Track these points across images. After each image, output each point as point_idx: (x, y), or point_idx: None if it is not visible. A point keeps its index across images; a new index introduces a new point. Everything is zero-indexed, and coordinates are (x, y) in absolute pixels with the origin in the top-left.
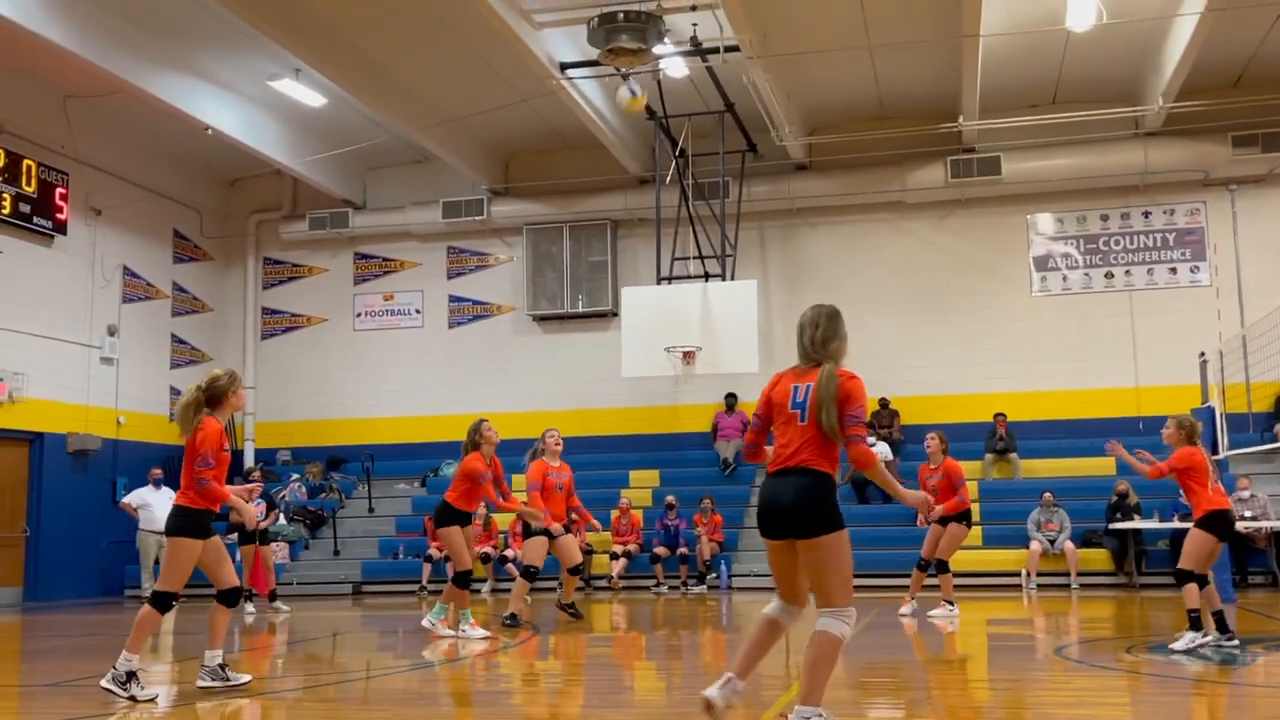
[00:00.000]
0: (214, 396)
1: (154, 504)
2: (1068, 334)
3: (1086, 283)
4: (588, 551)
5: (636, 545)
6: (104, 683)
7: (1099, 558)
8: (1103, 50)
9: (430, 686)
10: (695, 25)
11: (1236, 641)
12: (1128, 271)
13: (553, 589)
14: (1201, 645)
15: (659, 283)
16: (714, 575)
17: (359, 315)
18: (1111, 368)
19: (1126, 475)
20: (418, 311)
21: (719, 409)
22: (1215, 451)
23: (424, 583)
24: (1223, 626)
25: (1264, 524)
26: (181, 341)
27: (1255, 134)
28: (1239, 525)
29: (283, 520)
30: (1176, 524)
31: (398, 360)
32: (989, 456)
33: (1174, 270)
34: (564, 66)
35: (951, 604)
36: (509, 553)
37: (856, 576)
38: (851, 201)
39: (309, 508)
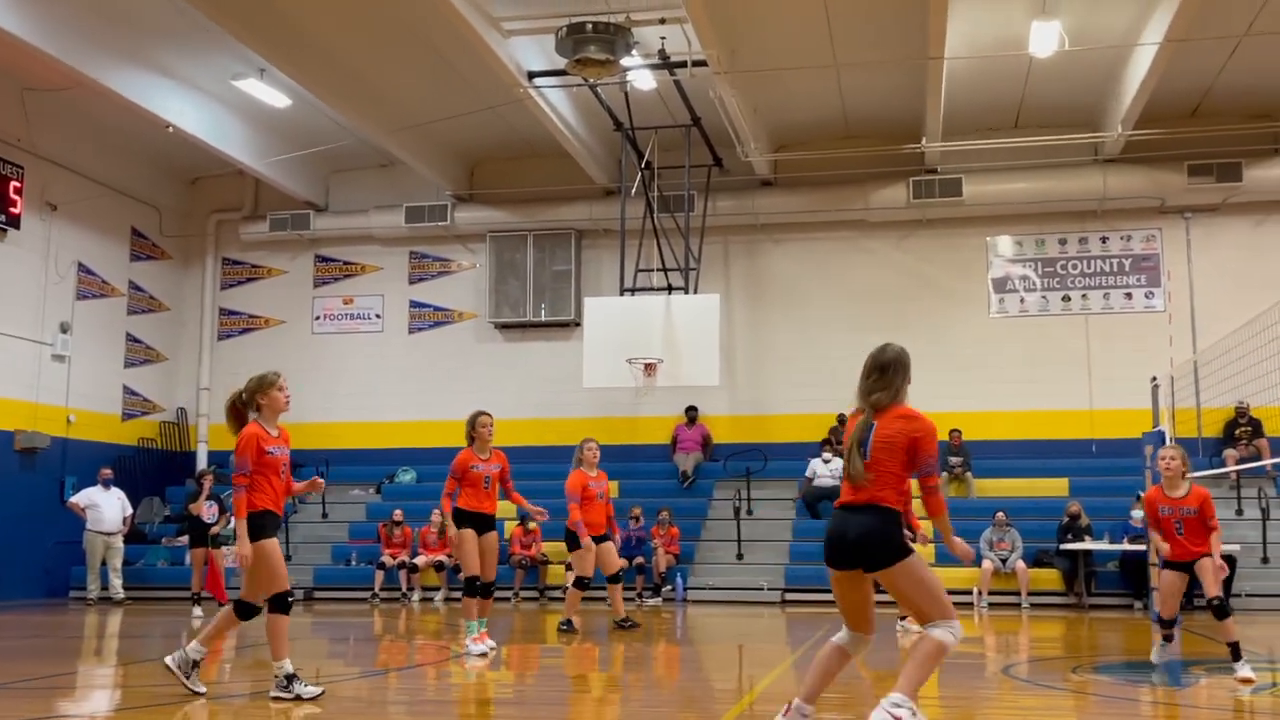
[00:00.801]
0: (247, 402)
1: (102, 504)
2: (1024, 355)
3: (1044, 305)
4: (543, 561)
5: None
6: (273, 692)
7: (1050, 578)
8: (1064, 77)
9: (379, 694)
10: (664, 38)
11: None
12: (1084, 295)
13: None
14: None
15: (622, 294)
16: (669, 588)
17: (318, 318)
18: (1066, 390)
19: (1078, 496)
20: (378, 316)
21: (679, 421)
22: None
23: (376, 590)
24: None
25: None
26: (136, 340)
27: (1210, 164)
28: None
29: (234, 524)
30: (1126, 546)
31: (356, 365)
32: (944, 475)
33: (1129, 295)
34: (532, 75)
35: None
36: None
37: (809, 592)
38: (815, 219)
39: None
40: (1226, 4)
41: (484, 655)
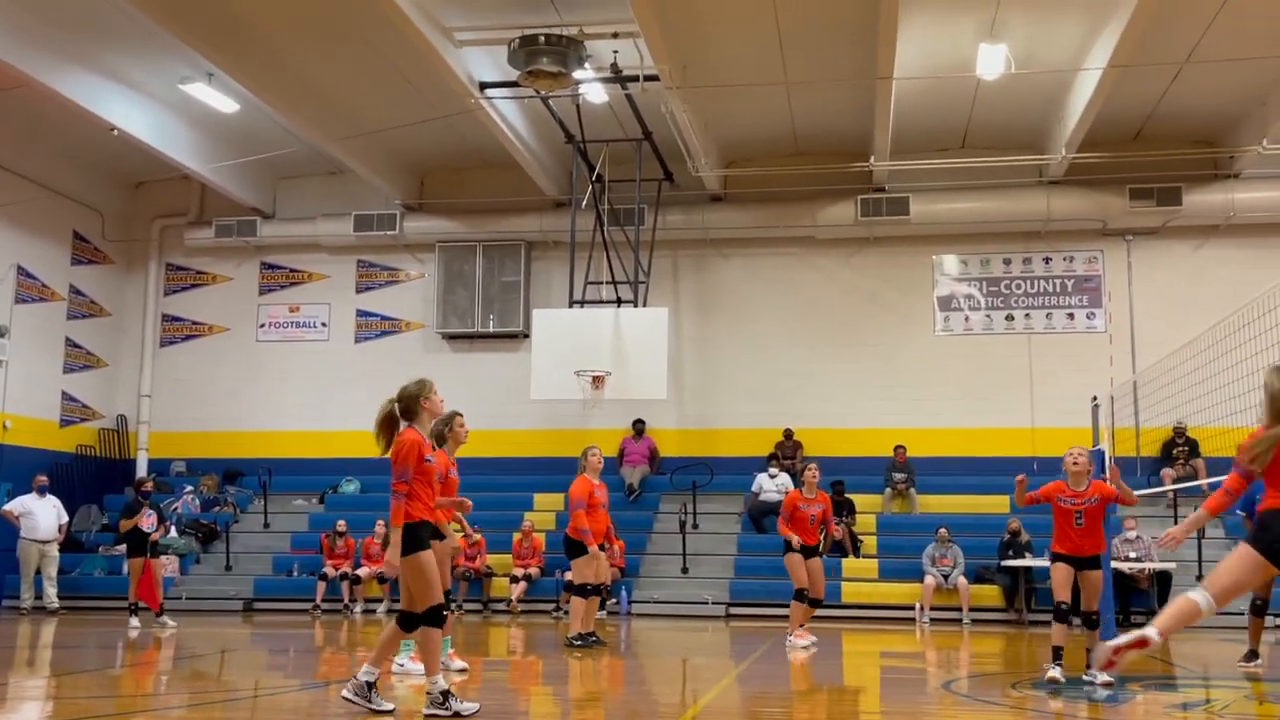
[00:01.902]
0: (407, 409)
1: (37, 512)
2: (968, 373)
3: (987, 324)
4: (487, 573)
5: (538, 568)
6: (427, 710)
7: (990, 594)
8: (1011, 99)
9: (320, 707)
10: (616, 53)
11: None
12: (1027, 315)
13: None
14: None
15: (571, 306)
16: (614, 601)
17: (263, 326)
18: (1009, 407)
19: (1019, 513)
20: (324, 325)
21: (626, 434)
22: None
23: (318, 601)
24: (1058, 656)
25: (1147, 565)
26: (76, 345)
27: (1151, 188)
28: (1123, 566)
29: (173, 533)
30: None
31: (301, 373)
32: (888, 491)
33: (1071, 315)
34: (483, 86)
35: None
36: None
37: (753, 606)
38: (764, 234)
39: (201, 521)
40: (1169, 31)
41: (462, 671)
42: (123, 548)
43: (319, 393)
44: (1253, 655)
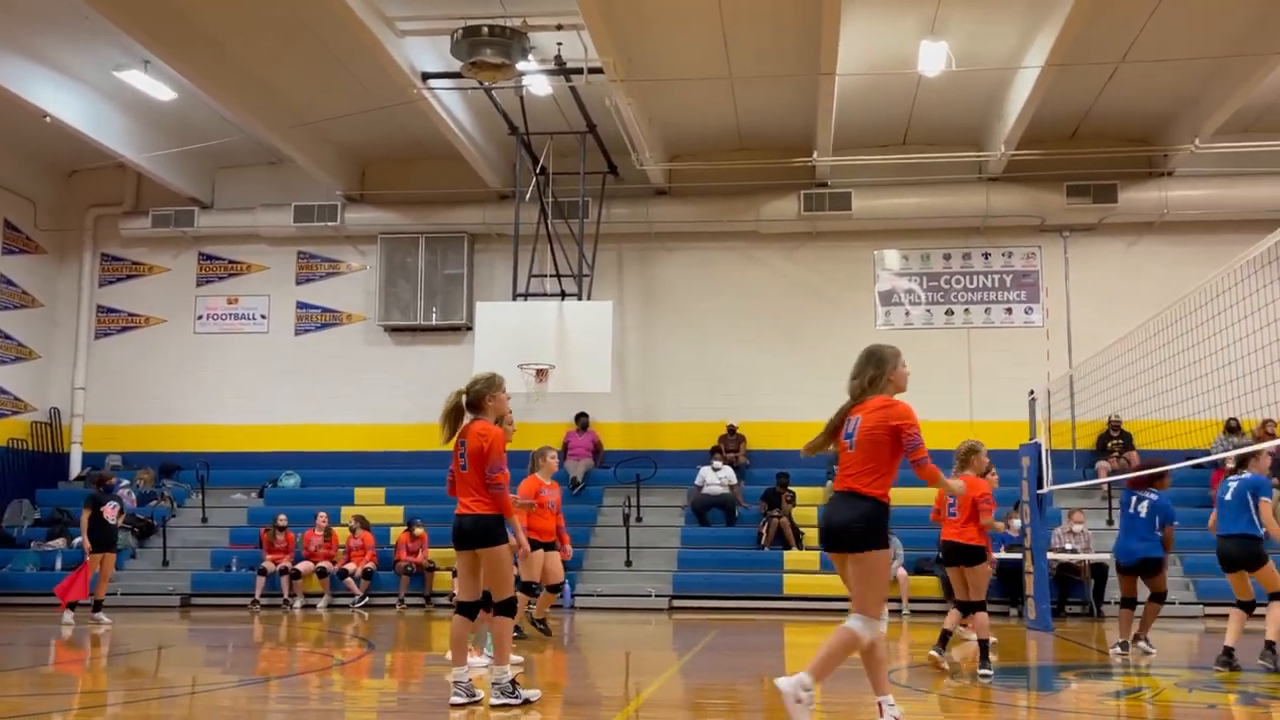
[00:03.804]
0: (474, 402)
1: None
2: (908, 367)
3: (928, 319)
4: (430, 568)
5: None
6: (493, 700)
7: (930, 585)
8: (951, 96)
9: (258, 704)
10: (560, 45)
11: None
12: (966, 310)
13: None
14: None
15: (515, 299)
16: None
17: (200, 318)
18: (948, 401)
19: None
20: (263, 316)
21: (570, 428)
22: (1040, 485)
23: (257, 596)
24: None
25: (1085, 557)
26: (7, 337)
27: (1088, 185)
28: (1064, 556)
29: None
30: (1003, 554)
31: (240, 366)
32: (829, 483)
33: (1009, 310)
34: (426, 76)
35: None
36: (349, 566)
37: (696, 598)
38: (708, 228)
39: (138, 515)
40: (1105, 31)
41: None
42: (59, 542)
43: (258, 385)
44: (1124, 646)
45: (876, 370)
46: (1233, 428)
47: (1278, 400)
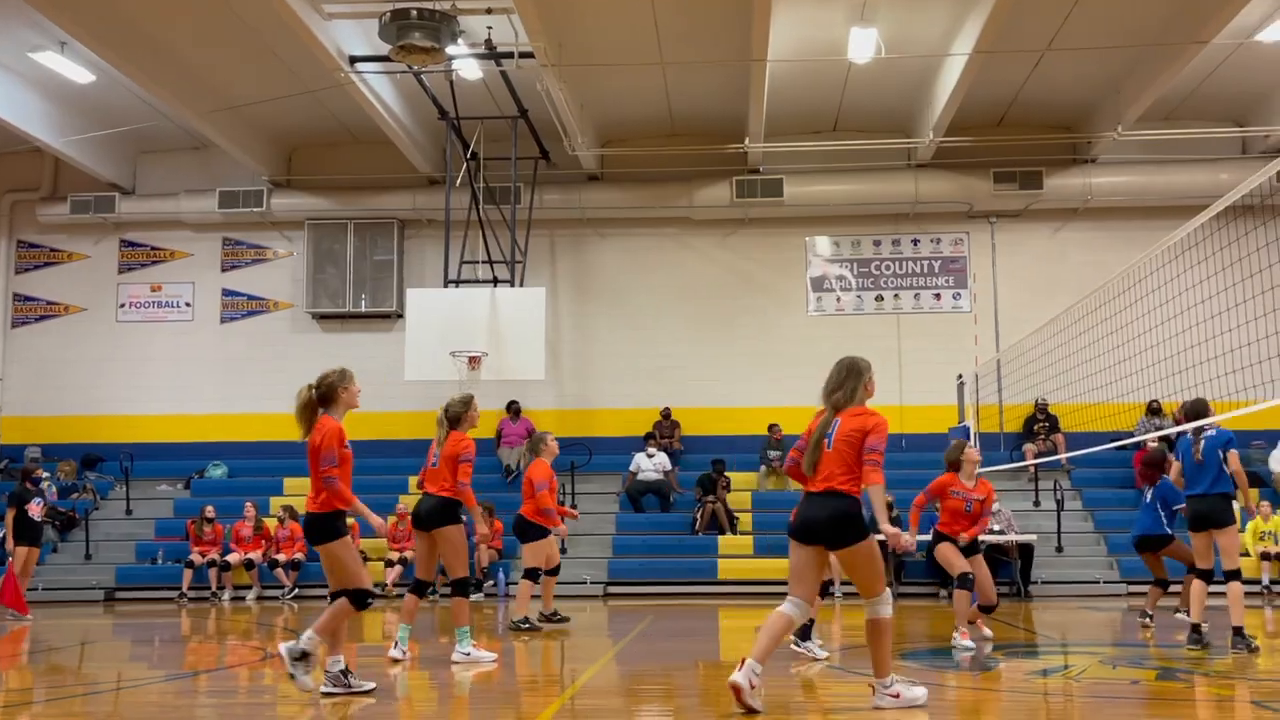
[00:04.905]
0: (326, 395)
1: None
2: (840, 352)
3: (858, 304)
4: (363, 559)
5: (413, 552)
6: (324, 688)
7: None
8: (881, 84)
9: (186, 699)
10: (490, 29)
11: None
12: (896, 295)
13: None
14: None
15: (446, 285)
16: (491, 583)
17: (123, 306)
18: (878, 386)
19: (889, 488)
20: (187, 304)
21: (503, 416)
22: None
23: (184, 589)
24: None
25: (1013, 538)
26: None
27: (1014, 171)
28: (991, 538)
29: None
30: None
31: (164, 355)
32: (763, 469)
33: (938, 296)
34: (353, 60)
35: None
36: (279, 557)
37: (632, 585)
38: (641, 214)
39: (59, 508)
40: (1031, 20)
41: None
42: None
43: (183, 375)
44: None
45: (855, 381)
46: (1155, 409)
47: (1199, 383)
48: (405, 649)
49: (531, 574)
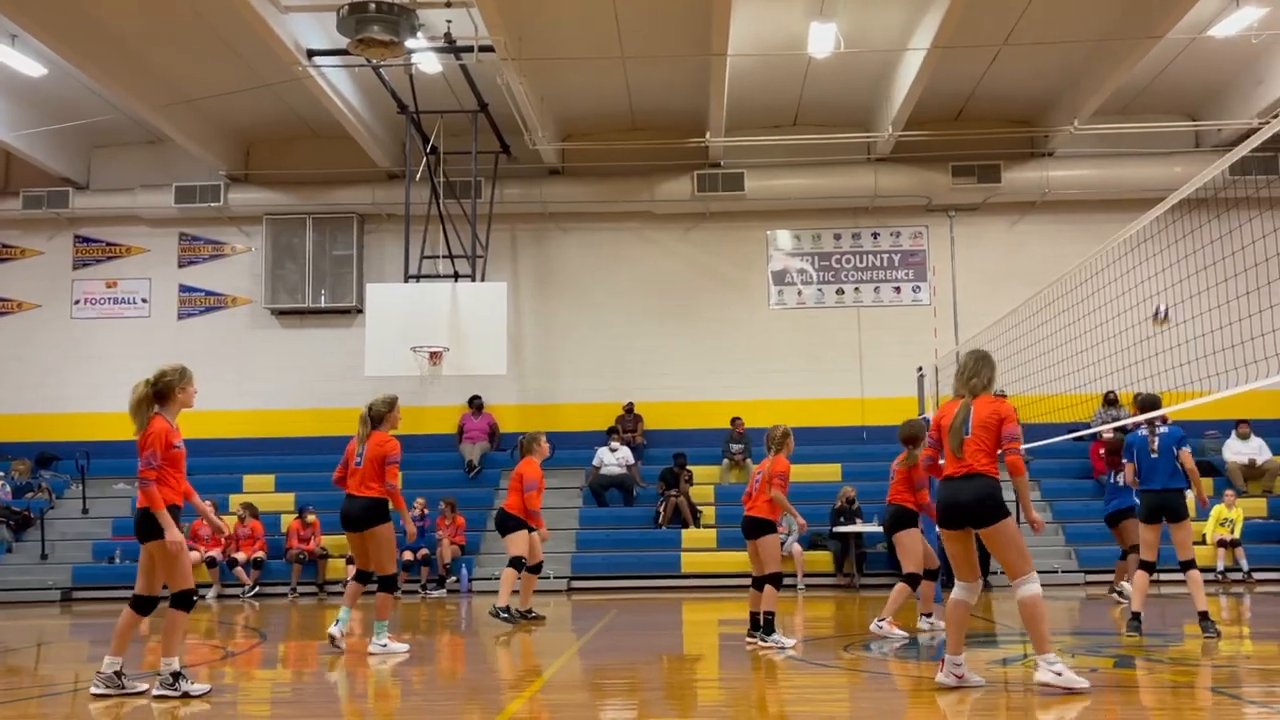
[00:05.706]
0: (161, 392)
1: None
2: (801, 346)
3: (819, 298)
4: (322, 555)
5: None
6: (156, 691)
7: (823, 560)
8: (840, 78)
9: (144, 700)
10: (449, 22)
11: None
12: (857, 289)
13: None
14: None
15: (407, 280)
16: (454, 579)
17: (78, 302)
18: (840, 379)
19: (850, 481)
20: (144, 300)
21: (465, 411)
22: None
23: None
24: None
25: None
26: None
27: (972, 165)
28: None
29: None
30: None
31: (120, 352)
32: (725, 462)
33: (898, 289)
34: (311, 53)
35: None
36: (239, 555)
37: (595, 579)
38: (602, 209)
39: (13, 508)
40: (989, 14)
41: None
42: None
43: (140, 372)
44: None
45: (990, 370)
46: (1111, 401)
47: (1154, 374)
48: (344, 629)
49: (515, 563)
